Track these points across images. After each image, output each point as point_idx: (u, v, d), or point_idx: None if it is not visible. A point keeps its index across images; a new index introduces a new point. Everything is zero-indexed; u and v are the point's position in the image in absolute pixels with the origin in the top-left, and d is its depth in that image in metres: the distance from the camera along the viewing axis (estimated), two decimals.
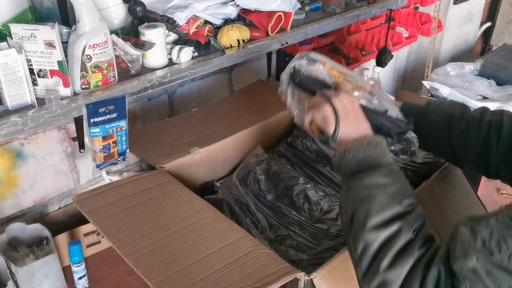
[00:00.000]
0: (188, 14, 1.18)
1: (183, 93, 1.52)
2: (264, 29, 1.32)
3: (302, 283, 0.79)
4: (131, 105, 1.39)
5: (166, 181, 1.06)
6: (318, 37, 1.81)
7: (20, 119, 0.91)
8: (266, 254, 0.84)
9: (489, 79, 2.11)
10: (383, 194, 0.70)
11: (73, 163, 1.32)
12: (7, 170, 1.19)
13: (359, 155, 0.76)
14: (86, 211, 0.96)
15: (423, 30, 2.29)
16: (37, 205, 1.28)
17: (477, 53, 3.25)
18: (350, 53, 1.99)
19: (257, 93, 1.50)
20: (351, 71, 0.97)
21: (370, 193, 0.71)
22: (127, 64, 1.07)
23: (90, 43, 0.96)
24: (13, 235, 1.13)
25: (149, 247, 0.86)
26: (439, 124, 0.95)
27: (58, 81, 0.96)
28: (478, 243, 0.61)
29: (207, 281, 0.78)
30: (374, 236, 0.68)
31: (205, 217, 0.94)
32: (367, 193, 0.71)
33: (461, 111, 0.94)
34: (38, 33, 0.91)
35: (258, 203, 1.12)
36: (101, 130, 1.05)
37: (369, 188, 0.72)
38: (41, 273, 1.06)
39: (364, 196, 0.71)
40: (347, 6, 1.59)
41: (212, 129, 1.27)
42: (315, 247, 1.01)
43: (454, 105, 0.97)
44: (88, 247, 1.25)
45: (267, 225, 1.08)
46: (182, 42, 1.17)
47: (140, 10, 1.08)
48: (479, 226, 0.61)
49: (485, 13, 3.12)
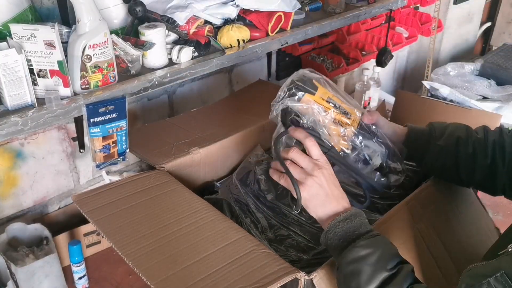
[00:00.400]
0: (188, 14, 1.18)
1: (183, 93, 1.53)
2: (264, 29, 1.32)
3: (302, 283, 0.79)
4: (131, 105, 1.39)
5: (166, 181, 1.06)
6: (318, 37, 1.81)
7: (20, 119, 0.91)
8: (266, 254, 0.84)
9: (489, 79, 2.12)
10: (368, 265, 0.73)
11: (73, 163, 1.32)
12: (7, 170, 1.19)
13: (339, 233, 0.78)
14: (86, 211, 0.96)
15: (423, 30, 2.29)
16: (37, 205, 1.28)
17: (477, 53, 3.25)
18: (350, 53, 1.99)
19: (257, 93, 1.50)
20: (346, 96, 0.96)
21: (355, 268, 0.74)
22: (127, 64, 1.07)
23: (90, 43, 0.96)
24: (13, 235, 1.13)
25: (149, 247, 0.86)
26: (447, 149, 0.96)
27: (58, 81, 0.96)
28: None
29: (207, 281, 0.78)
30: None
31: (205, 217, 0.94)
32: (353, 268, 0.74)
33: (466, 134, 0.95)
34: (38, 33, 0.91)
35: (258, 203, 1.12)
36: (101, 130, 1.05)
37: (353, 263, 0.74)
38: (41, 273, 1.06)
39: (351, 272, 0.74)
40: (347, 6, 1.59)
41: (212, 129, 1.27)
42: (315, 247, 1.01)
43: (459, 128, 0.98)
44: (88, 247, 1.25)
45: (267, 225, 1.08)
46: (182, 42, 1.17)
47: (140, 10, 1.08)
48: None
49: (485, 13, 3.13)
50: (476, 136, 0.95)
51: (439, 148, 0.97)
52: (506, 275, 0.60)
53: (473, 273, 0.65)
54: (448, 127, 0.98)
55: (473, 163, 0.93)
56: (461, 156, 0.94)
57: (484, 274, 0.62)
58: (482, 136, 0.94)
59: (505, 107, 1.87)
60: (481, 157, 0.92)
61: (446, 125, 0.99)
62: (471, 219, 1.07)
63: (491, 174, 0.92)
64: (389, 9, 1.72)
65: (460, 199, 1.06)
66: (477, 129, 0.97)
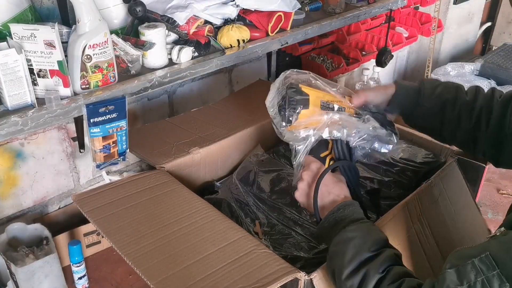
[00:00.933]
0: (188, 14, 1.18)
1: (183, 93, 1.53)
2: (264, 29, 1.32)
3: (302, 283, 0.79)
4: (131, 105, 1.39)
5: (166, 181, 1.06)
6: (318, 37, 1.81)
7: (20, 119, 0.91)
8: (266, 254, 0.84)
9: (489, 79, 2.12)
10: (352, 246, 0.76)
11: (73, 163, 1.32)
12: (7, 170, 1.19)
13: (332, 221, 0.82)
14: (86, 211, 0.96)
15: (423, 30, 2.29)
16: (37, 205, 1.28)
17: (477, 53, 3.25)
18: (350, 53, 1.99)
19: (257, 93, 1.49)
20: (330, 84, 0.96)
21: (340, 248, 0.77)
22: (127, 64, 1.07)
23: (90, 43, 0.96)
24: (13, 235, 1.13)
25: (149, 247, 0.86)
26: (433, 109, 0.96)
27: (58, 81, 0.96)
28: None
29: (207, 281, 0.78)
30: (350, 284, 0.74)
31: (205, 217, 0.94)
32: (339, 248, 0.77)
33: (455, 96, 0.96)
34: (38, 33, 0.91)
35: (258, 202, 1.12)
36: (101, 130, 1.05)
37: (339, 244, 0.78)
38: (41, 273, 1.06)
39: (336, 252, 0.78)
40: (347, 6, 1.59)
41: (212, 129, 1.27)
42: (316, 246, 1.01)
43: (448, 88, 0.97)
44: (88, 247, 1.25)
45: (267, 225, 1.08)
46: (182, 42, 1.17)
47: (140, 10, 1.08)
48: (465, 268, 0.62)
49: (485, 13, 3.12)
50: (465, 98, 0.95)
51: (425, 109, 0.97)
52: (491, 256, 0.60)
53: (460, 254, 0.65)
54: (438, 87, 0.98)
55: (456, 125, 0.94)
56: (446, 119, 0.95)
57: (470, 254, 0.63)
58: (471, 98, 0.94)
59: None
60: (465, 120, 0.93)
61: (436, 85, 0.98)
62: (466, 220, 1.08)
63: (473, 137, 0.93)
64: (389, 9, 1.72)
65: (456, 200, 1.06)
66: (469, 89, 0.97)
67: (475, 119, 0.92)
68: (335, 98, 0.93)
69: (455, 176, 1.11)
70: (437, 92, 0.97)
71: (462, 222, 1.06)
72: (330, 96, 0.93)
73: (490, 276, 0.59)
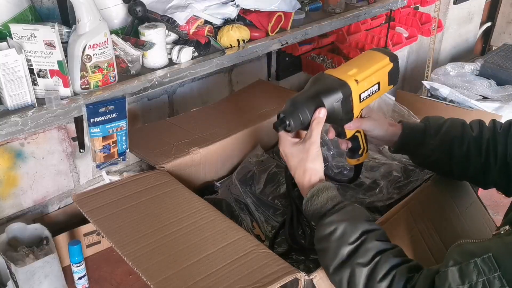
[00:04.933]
0: (188, 14, 1.18)
1: (183, 93, 1.53)
2: (264, 29, 1.32)
3: (302, 283, 0.79)
4: (131, 105, 1.39)
5: (166, 181, 1.06)
6: (318, 37, 1.81)
7: (20, 119, 0.91)
8: (266, 254, 0.84)
9: (489, 79, 2.12)
10: (332, 242, 0.78)
11: (73, 163, 1.32)
12: (7, 170, 1.19)
13: (309, 211, 0.84)
14: (86, 211, 0.96)
15: (423, 30, 2.28)
16: (37, 205, 1.28)
17: (477, 53, 3.25)
18: (350, 53, 1.98)
19: (257, 93, 1.50)
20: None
21: (323, 246, 0.79)
22: (127, 64, 1.07)
23: (90, 43, 0.96)
24: (13, 235, 1.13)
25: (149, 247, 0.86)
26: (441, 148, 0.97)
27: (58, 81, 0.96)
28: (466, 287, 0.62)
29: (207, 281, 0.78)
30: (338, 279, 0.76)
31: (205, 217, 0.94)
32: (321, 247, 0.80)
33: (462, 132, 0.96)
34: (38, 33, 0.91)
35: (258, 203, 1.12)
36: (101, 130, 1.05)
37: (321, 242, 0.80)
38: (41, 273, 1.06)
39: (320, 250, 0.80)
40: (347, 6, 1.59)
41: (212, 129, 1.27)
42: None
43: (454, 126, 0.98)
44: (88, 247, 1.25)
45: (267, 225, 1.08)
46: (182, 42, 1.17)
47: (140, 10, 1.08)
48: (467, 268, 0.62)
49: (485, 13, 3.13)
50: (471, 134, 0.95)
51: (433, 146, 0.97)
52: (493, 257, 0.60)
53: (462, 250, 0.65)
54: (444, 125, 0.98)
55: (467, 161, 0.95)
56: (456, 155, 0.95)
57: (473, 252, 0.63)
58: (478, 133, 0.95)
59: (505, 107, 1.87)
60: (475, 156, 0.93)
61: (442, 122, 0.99)
62: (472, 218, 1.07)
63: (484, 170, 0.93)
64: (389, 9, 1.72)
65: (460, 199, 1.06)
66: (473, 124, 0.97)
67: (485, 153, 0.92)
68: None
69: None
70: (444, 130, 0.97)
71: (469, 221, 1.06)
72: None
73: (492, 278, 0.60)
